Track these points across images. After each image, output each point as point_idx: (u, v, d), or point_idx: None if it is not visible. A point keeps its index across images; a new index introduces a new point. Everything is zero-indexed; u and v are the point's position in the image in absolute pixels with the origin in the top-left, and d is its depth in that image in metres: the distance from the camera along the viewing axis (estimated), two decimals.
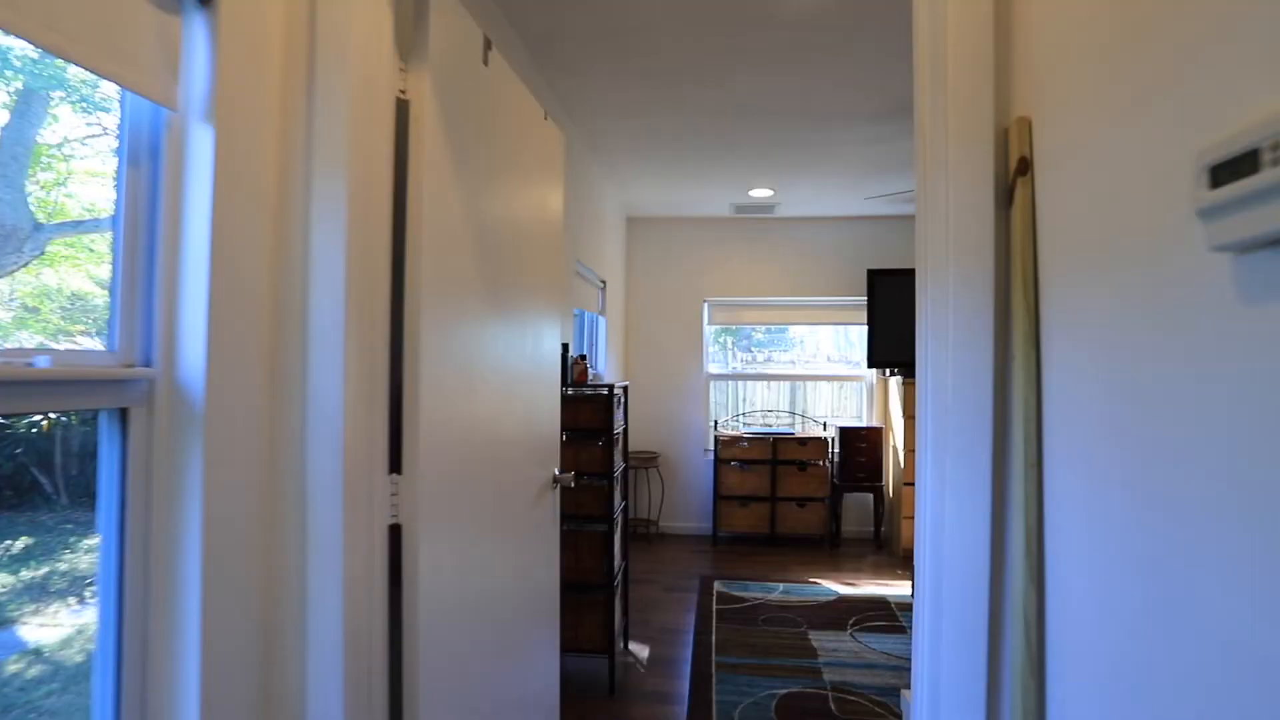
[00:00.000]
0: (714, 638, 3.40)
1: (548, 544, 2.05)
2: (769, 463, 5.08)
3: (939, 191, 1.09)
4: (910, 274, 5.01)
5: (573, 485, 2.14)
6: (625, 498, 3.32)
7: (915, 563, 1.16)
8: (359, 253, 1.14)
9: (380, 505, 1.22)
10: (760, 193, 4.80)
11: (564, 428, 2.82)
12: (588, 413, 2.94)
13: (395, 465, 1.26)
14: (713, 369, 5.80)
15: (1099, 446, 0.82)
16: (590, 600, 2.87)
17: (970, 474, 1.03)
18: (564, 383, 2.95)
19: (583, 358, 3.19)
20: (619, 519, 3.09)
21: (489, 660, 1.62)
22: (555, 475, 2.06)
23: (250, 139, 1.05)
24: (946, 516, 1.05)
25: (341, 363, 1.10)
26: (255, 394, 1.06)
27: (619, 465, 3.14)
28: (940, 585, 1.06)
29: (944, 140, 1.08)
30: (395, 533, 1.26)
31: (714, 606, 3.85)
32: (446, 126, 1.39)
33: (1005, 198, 1.05)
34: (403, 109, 1.30)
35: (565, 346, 3.07)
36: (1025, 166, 1.00)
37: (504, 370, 1.71)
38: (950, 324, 1.06)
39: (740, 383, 5.82)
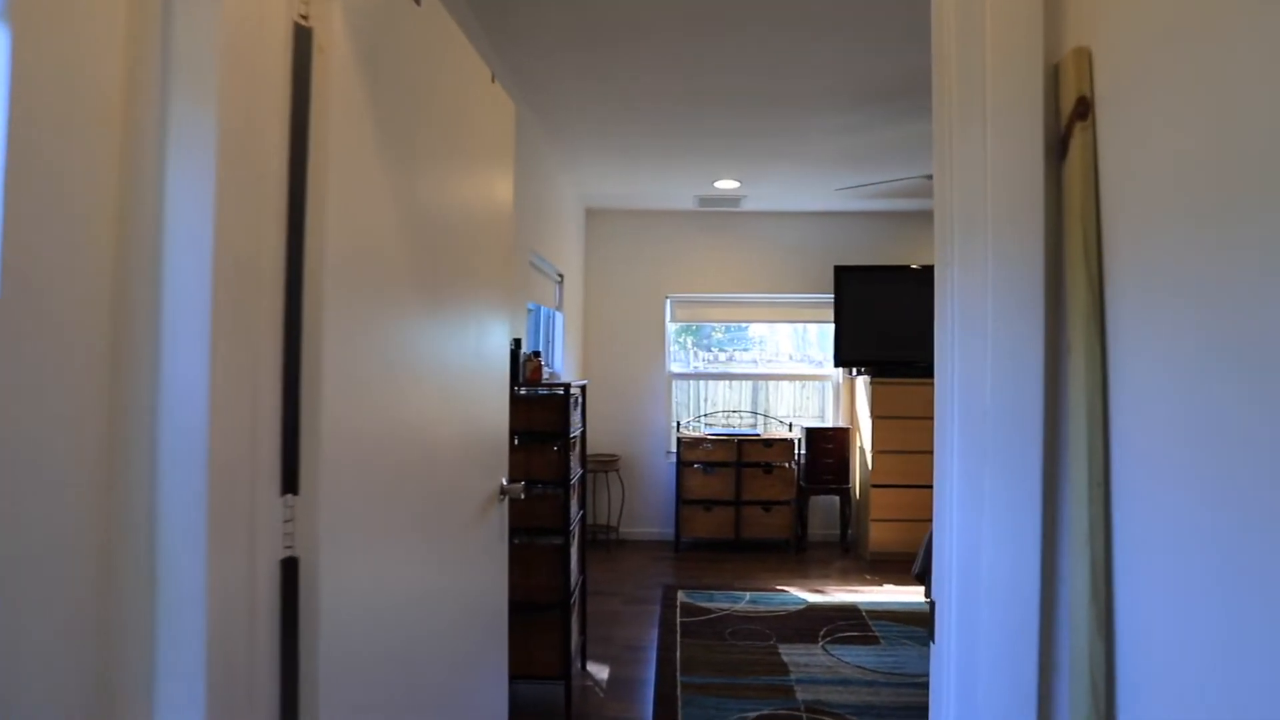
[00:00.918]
0: (678, 655, 3.18)
1: (494, 564, 1.80)
2: (733, 465, 4.89)
3: (973, 147, 0.88)
4: (879, 271, 4.95)
5: (523, 496, 1.89)
6: (583, 506, 3.08)
7: (936, 601, 0.96)
8: (234, 213, 0.88)
9: (268, 535, 0.95)
10: (726, 184, 4.60)
11: (515, 431, 2.57)
12: (542, 414, 2.69)
13: (291, 484, 1.00)
14: (675, 368, 5.59)
15: (1209, 464, 0.61)
16: (545, 621, 2.62)
17: (1015, 496, 0.83)
18: (515, 382, 2.70)
19: (537, 355, 2.93)
20: (576, 530, 2.85)
21: (420, 705, 1.36)
22: (503, 485, 1.81)
23: (73, 49, 0.77)
24: (984, 548, 0.84)
25: (206, 354, 0.83)
26: (83, 396, 0.79)
27: (576, 471, 2.89)
28: (974, 633, 0.86)
29: (980, 82, 0.87)
30: (291, 568, 1.00)
31: (678, 619, 3.63)
32: (364, 68, 1.13)
33: (1057, 149, 0.84)
34: (304, 38, 1.04)
35: (517, 342, 2.81)
36: (1085, 108, 0.79)
37: (440, 368, 1.46)
38: (989, 309, 0.85)
39: (702, 382, 5.63)
